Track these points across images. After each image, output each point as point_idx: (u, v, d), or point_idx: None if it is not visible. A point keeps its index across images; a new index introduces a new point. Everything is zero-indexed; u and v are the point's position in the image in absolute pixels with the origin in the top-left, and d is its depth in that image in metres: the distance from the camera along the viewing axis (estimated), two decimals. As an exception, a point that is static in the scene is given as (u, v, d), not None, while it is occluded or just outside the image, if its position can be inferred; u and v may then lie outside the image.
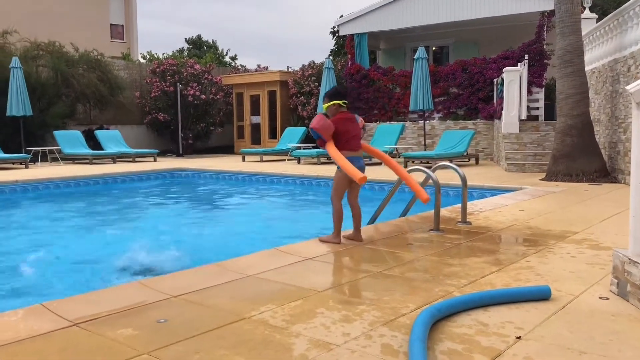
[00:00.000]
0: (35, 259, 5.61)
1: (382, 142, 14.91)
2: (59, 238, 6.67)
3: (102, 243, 6.15)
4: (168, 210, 8.93)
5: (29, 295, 4.39)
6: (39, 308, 2.93)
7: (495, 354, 2.35)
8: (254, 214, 8.50)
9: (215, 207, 9.51)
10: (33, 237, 6.75)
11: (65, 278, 4.85)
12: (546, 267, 3.82)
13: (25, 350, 2.40)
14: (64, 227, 7.45)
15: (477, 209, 6.43)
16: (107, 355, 2.34)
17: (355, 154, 4.63)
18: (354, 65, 17.98)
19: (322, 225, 6.94)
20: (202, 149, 20.57)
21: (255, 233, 6.76)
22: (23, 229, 7.21)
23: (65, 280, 4.75)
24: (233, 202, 10.04)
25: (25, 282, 4.76)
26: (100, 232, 7.00)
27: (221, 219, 8.23)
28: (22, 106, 14.80)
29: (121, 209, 9.17)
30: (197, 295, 3.18)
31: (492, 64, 15.50)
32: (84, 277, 4.82)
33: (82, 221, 7.91)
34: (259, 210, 8.91)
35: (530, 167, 11.33)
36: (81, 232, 7.06)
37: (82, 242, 6.37)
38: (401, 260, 4.07)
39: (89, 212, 8.69)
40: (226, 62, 32.37)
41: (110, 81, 18.00)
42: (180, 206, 9.45)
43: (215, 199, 10.45)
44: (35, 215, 8.31)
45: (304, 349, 2.41)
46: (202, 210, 9.24)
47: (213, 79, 20.20)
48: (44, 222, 7.71)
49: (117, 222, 7.88)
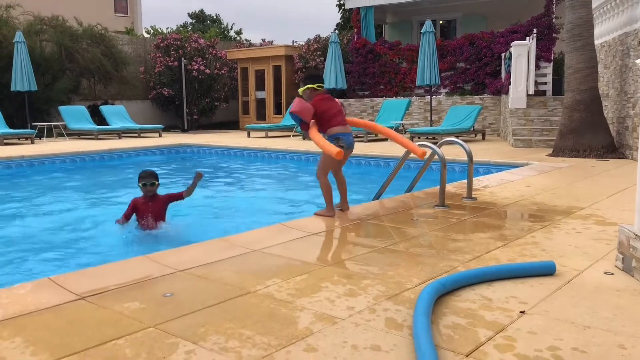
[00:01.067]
0: (41, 232, 5.66)
1: (388, 117, 14.83)
2: (66, 212, 6.71)
3: (107, 216, 6.19)
4: (174, 186, 8.95)
5: (36, 268, 4.44)
6: (47, 282, 2.96)
7: (499, 328, 2.36)
8: (259, 189, 8.51)
9: (221, 182, 9.52)
10: (39, 211, 6.80)
11: (72, 251, 4.89)
12: (551, 242, 3.82)
13: (34, 322, 2.43)
14: (69, 201, 7.49)
15: (483, 185, 6.41)
16: (114, 328, 2.37)
17: (344, 129, 4.71)
18: (360, 39, 17.80)
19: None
20: (207, 125, 20.53)
21: (261, 208, 6.78)
22: (29, 204, 7.26)
23: (72, 254, 4.79)
24: (238, 178, 10.04)
25: (33, 256, 4.80)
26: (106, 206, 7.04)
27: (226, 194, 8.24)
28: (26, 81, 14.77)
29: (128, 183, 9.19)
30: (203, 269, 3.20)
31: (500, 38, 15.30)
32: (91, 251, 4.86)
33: (88, 195, 7.94)
34: (264, 185, 8.92)
35: (537, 143, 11.26)
36: (87, 206, 7.10)
37: (87, 215, 6.40)
38: (406, 235, 4.07)
39: (95, 187, 8.71)
40: (231, 36, 32.09)
41: (115, 56, 17.90)
42: (186, 182, 9.46)
43: (221, 174, 10.44)
44: (41, 190, 8.35)
45: (308, 322, 2.43)
46: (207, 185, 9.24)
47: (217, 53, 20.05)
48: (50, 197, 7.75)
49: (124, 196, 7.91)
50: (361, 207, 5.19)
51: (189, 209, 6.16)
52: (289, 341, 2.24)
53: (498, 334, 2.31)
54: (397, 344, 2.22)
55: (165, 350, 2.15)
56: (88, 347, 2.17)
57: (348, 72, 17.55)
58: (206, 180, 9.57)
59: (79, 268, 3.69)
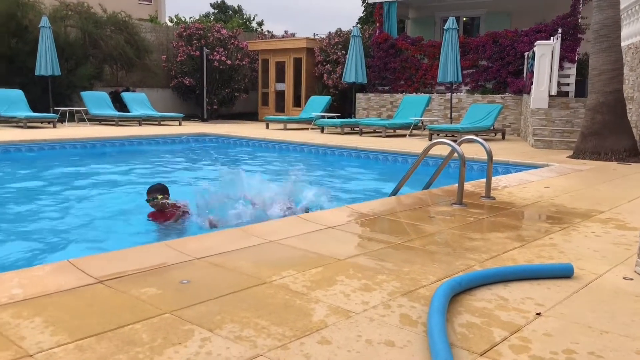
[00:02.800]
0: (61, 215, 5.74)
1: (407, 113, 14.78)
2: (85, 196, 6.79)
3: (126, 201, 6.25)
4: (192, 173, 9.02)
5: (56, 250, 4.51)
6: (66, 264, 3.00)
7: (515, 329, 2.35)
8: (275, 180, 8.53)
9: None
10: (58, 194, 6.89)
11: (91, 235, 4.96)
12: (570, 245, 3.78)
13: (53, 303, 2.47)
14: (88, 185, 7.58)
15: (502, 184, 6.36)
16: (131, 312, 2.40)
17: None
18: (381, 34, 17.72)
19: (344, 195, 6.96)
20: (227, 115, 20.62)
21: (276, 200, 6.80)
22: (50, 187, 7.36)
23: (90, 237, 4.86)
24: (256, 169, 10.08)
25: (52, 238, 4.88)
26: (125, 191, 7.11)
27: (241, 184, 8.27)
28: (50, 66, 14.95)
29: (147, 170, 9.28)
30: (220, 258, 3.23)
31: (524, 37, 15.12)
32: (110, 235, 4.92)
33: (107, 180, 8.03)
34: (281, 177, 8.94)
35: (558, 144, 11.14)
36: (106, 191, 7.18)
37: (106, 200, 6.48)
38: (422, 232, 4.06)
39: (115, 173, 8.81)
40: (253, 27, 32.13)
41: (138, 43, 18.04)
42: (203, 169, 9.53)
43: (239, 164, 10.49)
44: (61, 173, 8.46)
45: (323, 315, 2.44)
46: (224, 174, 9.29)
47: (239, 44, 20.10)
48: (69, 181, 7.85)
49: (143, 182, 7.98)
50: (378, 203, 5.18)
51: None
52: (303, 333, 2.25)
53: (513, 335, 2.29)
54: (412, 340, 2.22)
55: (181, 336, 2.18)
56: (106, 330, 2.20)
57: (368, 66, 17.49)
58: (222, 168, 9.62)
59: (98, 252, 3.74)
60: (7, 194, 6.93)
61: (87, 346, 2.07)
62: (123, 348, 2.06)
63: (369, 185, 7.99)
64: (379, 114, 17.31)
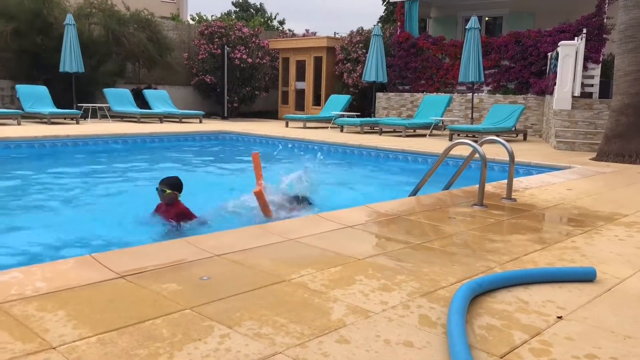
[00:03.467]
0: (82, 210, 5.82)
1: (427, 113, 14.69)
2: (106, 192, 6.88)
3: (147, 198, 6.31)
4: (214, 170, 9.08)
5: (76, 245, 4.57)
6: (88, 259, 3.04)
7: (535, 332, 2.33)
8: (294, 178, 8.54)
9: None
10: (81, 190, 6.99)
11: (113, 230, 5.02)
12: (592, 248, 3.73)
13: (76, 297, 2.51)
14: (109, 181, 7.67)
15: (523, 186, 6.29)
16: (152, 308, 2.42)
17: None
18: (403, 33, 17.64)
19: (363, 194, 6.94)
20: (247, 113, 20.71)
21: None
22: (72, 182, 7.47)
23: (112, 233, 4.92)
24: (275, 167, 10.10)
25: (75, 232, 4.95)
26: (145, 187, 7.19)
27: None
28: (74, 63, 15.16)
29: (167, 166, 9.36)
30: (239, 255, 3.24)
31: (548, 37, 14.93)
32: (131, 230, 4.98)
33: (128, 176, 8.13)
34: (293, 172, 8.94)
35: (581, 146, 10.99)
36: (127, 187, 7.26)
37: (128, 195, 6.55)
38: (442, 233, 4.04)
39: (136, 169, 8.90)
40: (274, 26, 32.21)
41: (160, 41, 18.19)
42: (224, 167, 9.59)
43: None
44: (83, 168, 8.58)
45: (342, 314, 2.44)
46: (243, 172, 9.33)
47: (260, 42, 20.16)
48: (92, 176, 7.96)
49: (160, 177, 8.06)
50: (397, 202, 5.16)
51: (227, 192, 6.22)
52: (321, 331, 2.25)
53: (534, 338, 2.27)
54: (430, 341, 2.21)
55: (200, 332, 2.19)
56: (127, 325, 2.23)
57: (389, 65, 17.43)
58: (242, 166, 9.67)
59: (118, 247, 3.78)
60: (30, 189, 7.05)
61: (109, 340, 2.09)
62: (144, 343, 2.08)
63: (388, 184, 7.97)
64: (399, 114, 17.24)
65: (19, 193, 6.76)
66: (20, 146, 10.05)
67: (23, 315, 2.28)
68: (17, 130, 11.53)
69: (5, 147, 9.83)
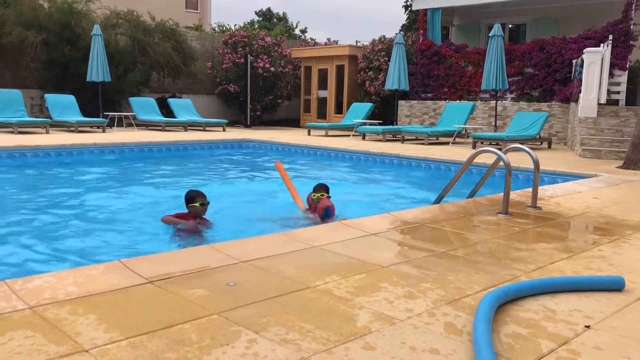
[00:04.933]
0: (109, 216, 5.92)
1: (451, 121, 14.63)
2: (131, 200, 6.99)
3: (173, 205, 6.40)
4: (237, 178, 9.16)
5: (107, 251, 4.66)
6: (118, 264, 3.10)
7: (562, 341, 2.31)
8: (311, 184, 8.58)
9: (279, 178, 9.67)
10: (110, 196, 7.11)
11: (143, 236, 5.10)
12: (620, 257, 3.68)
13: (106, 302, 2.56)
14: (136, 189, 7.79)
15: (548, 194, 6.23)
16: (180, 313, 2.46)
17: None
18: (425, 41, 17.61)
19: (386, 202, 6.95)
20: (269, 121, 20.84)
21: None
22: (100, 189, 7.60)
23: (141, 239, 5.00)
24: (297, 174, 10.16)
25: (104, 238, 5.04)
26: (171, 194, 7.28)
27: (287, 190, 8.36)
28: (101, 72, 15.45)
29: (192, 174, 9.48)
30: (264, 261, 3.28)
31: (572, 44, 14.77)
32: (161, 236, 5.05)
33: (154, 183, 8.24)
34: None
35: (607, 154, 10.83)
36: (153, 194, 7.37)
37: (155, 202, 6.65)
38: (467, 241, 4.02)
39: (161, 176, 9.03)
40: (296, 35, 32.43)
41: (184, 51, 18.44)
42: (248, 174, 9.67)
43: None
44: (110, 177, 8.73)
45: (367, 321, 2.45)
46: (266, 179, 9.41)
47: (283, 51, 20.31)
48: (118, 184, 8.09)
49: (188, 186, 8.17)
50: (421, 210, 5.16)
51: (249, 200, 6.29)
52: (347, 338, 2.27)
53: (561, 347, 2.25)
54: (456, 349, 2.21)
55: (228, 337, 2.23)
56: (156, 329, 2.27)
57: (411, 73, 17.41)
58: (266, 173, 9.74)
59: (145, 254, 3.85)
60: (59, 196, 7.20)
61: (139, 344, 2.14)
62: (173, 347, 2.12)
63: (411, 193, 7.95)
64: (421, 122, 17.19)
65: (48, 200, 6.91)
66: (49, 154, 10.26)
67: (56, 319, 2.34)
68: (46, 138, 11.78)
69: (34, 155, 10.06)
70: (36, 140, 11.15)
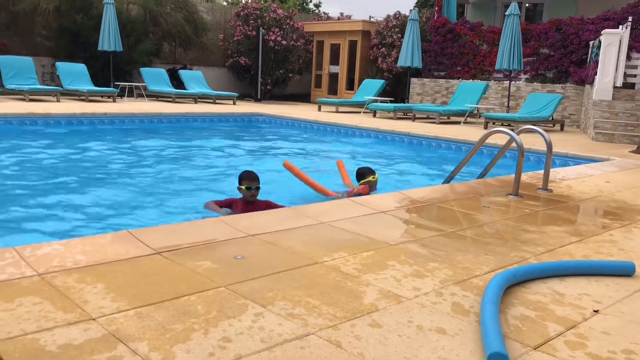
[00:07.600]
0: (117, 186, 5.93)
1: (463, 100, 14.48)
2: (142, 171, 7.00)
3: (184, 176, 6.40)
4: (246, 152, 9.14)
5: (115, 221, 4.67)
6: (126, 234, 3.11)
7: (570, 325, 2.29)
8: (326, 163, 8.55)
9: (290, 153, 9.63)
10: (120, 166, 7.12)
11: (149, 207, 5.11)
12: (631, 242, 3.65)
13: (114, 271, 2.57)
14: (146, 159, 7.80)
15: (560, 177, 6.17)
16: (187, 284, 2.47)
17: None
18: (440, 18, 17.35)
19: (395, 180, 6.91)
20: (279, 96, 20.72)
21: (328, 182, 6.82)
22: (108, 160, 7.61)
23: (148, 210, 5.01)
24: (308, 150, 10.13)
25: (113, 208, 5.05)
26: (181, 167, 7.28)
27: (295, 164, 8.34)
28: (113, 42, 15.36)
29: (202, 147, 9.46)
30: (272, 236, 3.27)
31: (590, 25, 14.49)
32: (166, 209, 5.06)
33: (164, 155, 8.24)
34: (332, 159, 8.95)
35: (620, 138, 10.69)
36: (163, 166, 7.37)
37: (164, 174, 6.65)
38: (476, 222, 3.99)
39: (171, 148, 9.02)
40: (309, 9, 32.03)
41: (196, 22, 18.29)
42: (258, 149, 9.64)
43: (291, 145, 10.56)
44: (121, 145, 8.73)
45: (374, 298, 2.44)
46: (277, 154, 9.39)
47: (295, 25, 20.09)
48: (128, 155, 8.10)
49: (198, 159, 8.16)
50: (430, 190, 5.13)
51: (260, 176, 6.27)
52: (354, 315, 2.26)
53: (569, 331, 2.24)
54: (463, 329, 2.20)
55: (235, 310, 2.23)
56: (163, 300, 2.28)
57: (425, 51, 17.19)
58: (276, 149, 9.71)
59: (156, 223, 3.85)
60: (68, 164, 7.22)
61: (146, 314, 2.14)
62: (179, 318, 2.13)
63: (421, 171, 7.90)
64: (433, 100, 17.03)
65: (57, 169, 6.93)
66: (59, 123, 10.27)
67: (64, 286, 2.35)
68: (57, 106, 11.78)
69: (45, 123, 10.07)
70: (47, 108, 11.16)
